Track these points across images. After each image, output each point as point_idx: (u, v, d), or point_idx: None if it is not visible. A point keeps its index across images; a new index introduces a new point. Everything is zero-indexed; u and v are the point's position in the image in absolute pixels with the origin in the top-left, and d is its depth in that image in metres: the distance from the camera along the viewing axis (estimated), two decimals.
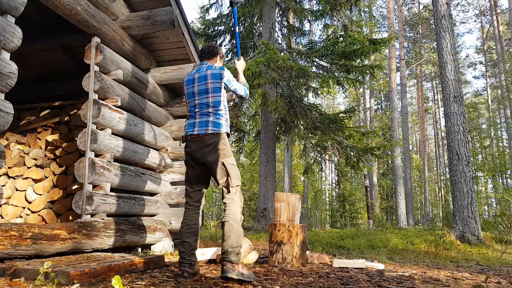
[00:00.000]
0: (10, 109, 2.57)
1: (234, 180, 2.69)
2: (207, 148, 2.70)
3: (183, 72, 4.57)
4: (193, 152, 2.77)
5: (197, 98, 2.83)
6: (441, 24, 7.28)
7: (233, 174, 2.70)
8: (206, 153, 2.71)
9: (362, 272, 3.21)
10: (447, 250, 5.43)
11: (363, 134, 9.24)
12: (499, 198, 13.09)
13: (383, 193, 22.94)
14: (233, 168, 2.72)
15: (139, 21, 4.05)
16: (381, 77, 21.89)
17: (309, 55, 9.03)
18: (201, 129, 2.74)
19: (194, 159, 2.79)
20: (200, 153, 2.73)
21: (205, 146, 2.71)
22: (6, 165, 4.48)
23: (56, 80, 5.14)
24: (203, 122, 2.77)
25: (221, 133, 2.74)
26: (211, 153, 2.70)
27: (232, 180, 2.68)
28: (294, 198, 3.78)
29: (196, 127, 2.76)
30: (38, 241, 2.75)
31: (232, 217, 2.59)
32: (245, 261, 3.66)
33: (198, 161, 2.77)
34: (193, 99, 2.85)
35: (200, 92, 2.82)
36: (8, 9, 2.59)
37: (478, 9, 25.92)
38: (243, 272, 2.43)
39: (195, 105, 2.84)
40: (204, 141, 2.71)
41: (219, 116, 2.78)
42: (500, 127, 25.79)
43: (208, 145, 2.70)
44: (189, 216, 2.79)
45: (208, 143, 2.70)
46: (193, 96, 2.85)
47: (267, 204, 9.23)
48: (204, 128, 2.74)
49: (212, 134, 2.71)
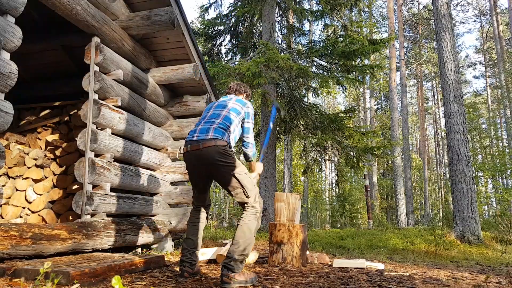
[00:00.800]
0: (10, 109, 2.57)
1: (250, 191, 2.51)
2: (210, 164, 2.50)
3: (183, 72, 4.57)
4: (195, 168, 2.60)
5: (211, 111, 2.71)
6: (441, 24, 7.28)
7: (248, 184, 2.52)
8: (211, 168, 2.53)
9: (362, 272, 3.21)
10: (447, 250, 5.43)
11: (363, 134, 9.25)
12: (499, 198, 13.09)
13: (383, 193, 22.95)
14: (245, 178, 2.53)
15: (139, 21, 4.05)
16: (381, 77, 21.90)
17: (309, 55, 9.03)
18: (201, 135, 2.54)
19: (197, 176, 2.65)
20: (204, 169, 2.57)
21: (207, 160, 2.50)
22: (6, 165, 4.48)
23: (56, 80, 5.13)
24: (204, 129, 2.58)
25: (222, 140, 2.51)
26: (217, 168, 2.50)
27: (248, 191, 2.51)
28: (294, 198, 3.78)
29: (196, 133, 2.58)
30: (38, 241, 2.75)
31: (246, 224, 2.47)
32: (245, 261, 3.66)
33: (202, 175, 2.65)
34: (207, 112, 2.74)
35: (217, 107, 2.73)
36: (8, 9, 2.59)
37: (478, 9, 25.94)
38: (241, 280, 2.36)
39: (205, 116, 2.71)
40: (205, 153, 2.49)
41: (224, 127, 2.60)
42: (500, 127, 25.80)
43: (210, 158, 2.48)
44: (195, 214, 2.79)
45: (209, 156, 2.48)
46: (208, 110, 2.75)
47: (267, 204, 9.23)
48: (204, 134, 2.54)
49: (213, 140, 2.50)
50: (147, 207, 4.35)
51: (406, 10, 25.79)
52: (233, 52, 11.44)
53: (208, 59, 11.10)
